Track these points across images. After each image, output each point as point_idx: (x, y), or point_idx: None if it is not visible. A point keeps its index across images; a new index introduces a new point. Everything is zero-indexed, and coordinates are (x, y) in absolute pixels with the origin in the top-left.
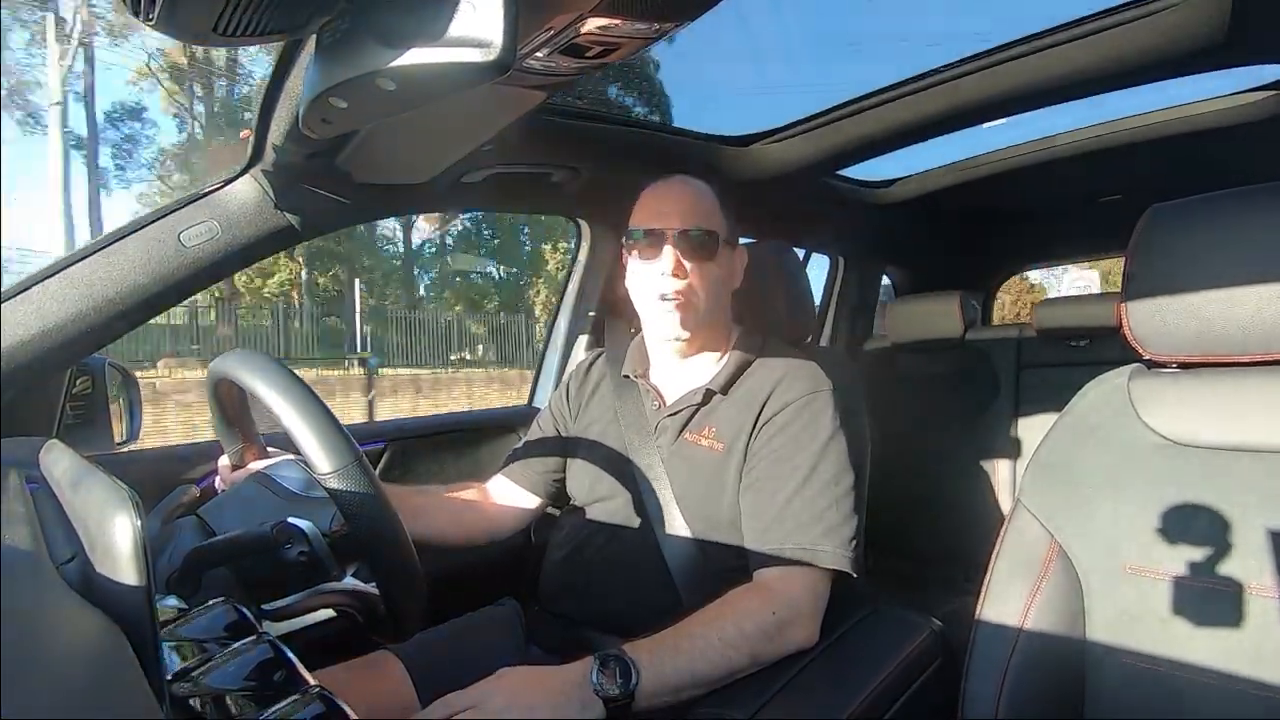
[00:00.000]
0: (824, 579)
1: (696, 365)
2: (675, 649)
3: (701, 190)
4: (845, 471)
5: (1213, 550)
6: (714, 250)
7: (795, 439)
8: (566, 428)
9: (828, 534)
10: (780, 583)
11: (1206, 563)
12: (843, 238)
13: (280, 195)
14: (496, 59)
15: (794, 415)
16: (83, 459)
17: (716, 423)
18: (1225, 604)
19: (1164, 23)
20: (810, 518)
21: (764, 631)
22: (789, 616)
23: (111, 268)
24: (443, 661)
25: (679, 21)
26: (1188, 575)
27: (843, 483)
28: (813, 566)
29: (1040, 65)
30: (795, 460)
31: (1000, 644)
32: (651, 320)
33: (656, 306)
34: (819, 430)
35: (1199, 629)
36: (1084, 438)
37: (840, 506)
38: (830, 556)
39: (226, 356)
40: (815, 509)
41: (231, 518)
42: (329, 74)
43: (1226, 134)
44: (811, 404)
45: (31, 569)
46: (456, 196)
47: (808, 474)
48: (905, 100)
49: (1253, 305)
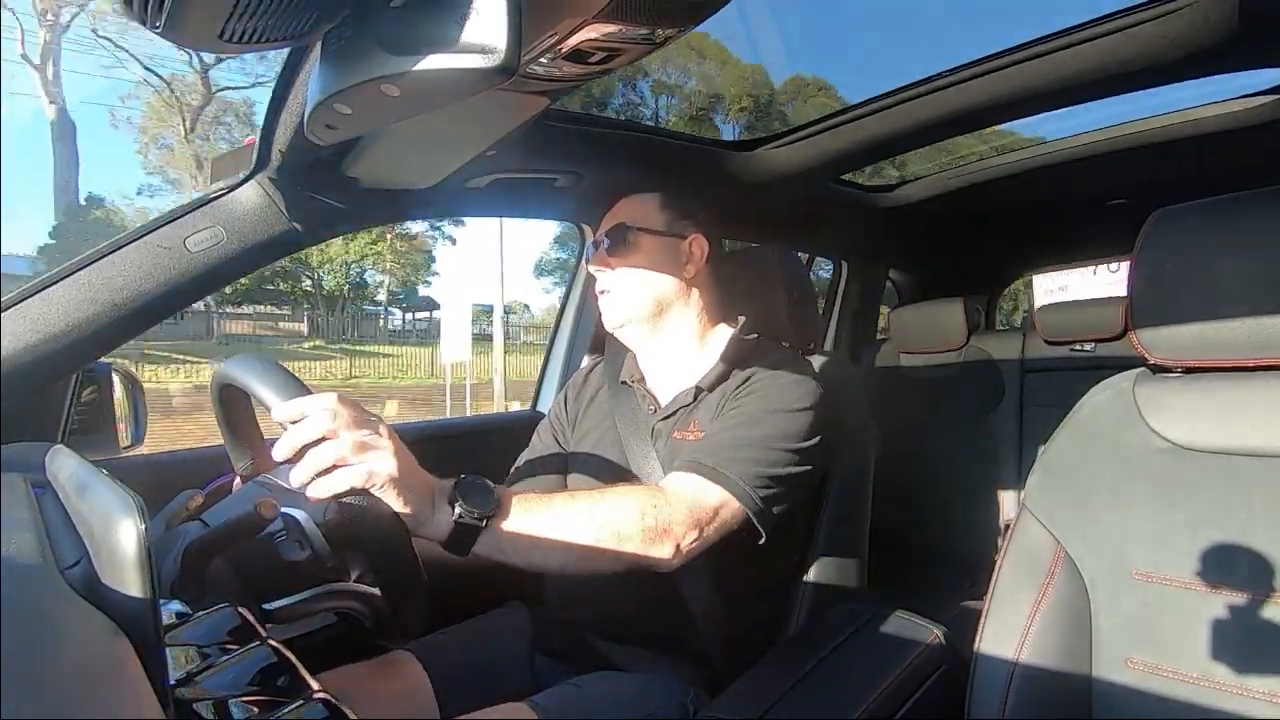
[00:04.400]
0: (720, 504)
1: (688, 365)
2: (547, 505)
3: (636, 197)
4: (791, 439)
5: (1219, 555)
6: (624, 240)
7: (756, 399)
8: (565, 436)
9: (734, 462)
10: (677, 490)
11: (1213, 568)
12: (846, 242)
13: (285, 201)
14: (500, 65)
15: (763, 385)
16: (88, 464)
17: (700, 415)
18: (1233, 609)
19: (1170, 27)
20: (724, 446)
21: (640, 528)
22: (665, 525)
23: (117, 273)
24: (455, 663)
25: (682, 27)
26: (1194, 581)
27: (782, 444)
28: (710, 484)
29: (1046, 69)
30: (742, 411)
31: (1006, 649)
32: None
33: (600, 303)
34: (782, 397)
35: (1206, 635)
36: (1089, 442)
37: (763, 452)
38: (724, 480)
39: (229, 362)
40: (734, 441)
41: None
42: (334, 80)
43: (1233, 138)
44: (782, 378)
45: (37, 573)
46: (460, 202)
47: (745, 422)
48: (910, 105)
49: (1259, 309)
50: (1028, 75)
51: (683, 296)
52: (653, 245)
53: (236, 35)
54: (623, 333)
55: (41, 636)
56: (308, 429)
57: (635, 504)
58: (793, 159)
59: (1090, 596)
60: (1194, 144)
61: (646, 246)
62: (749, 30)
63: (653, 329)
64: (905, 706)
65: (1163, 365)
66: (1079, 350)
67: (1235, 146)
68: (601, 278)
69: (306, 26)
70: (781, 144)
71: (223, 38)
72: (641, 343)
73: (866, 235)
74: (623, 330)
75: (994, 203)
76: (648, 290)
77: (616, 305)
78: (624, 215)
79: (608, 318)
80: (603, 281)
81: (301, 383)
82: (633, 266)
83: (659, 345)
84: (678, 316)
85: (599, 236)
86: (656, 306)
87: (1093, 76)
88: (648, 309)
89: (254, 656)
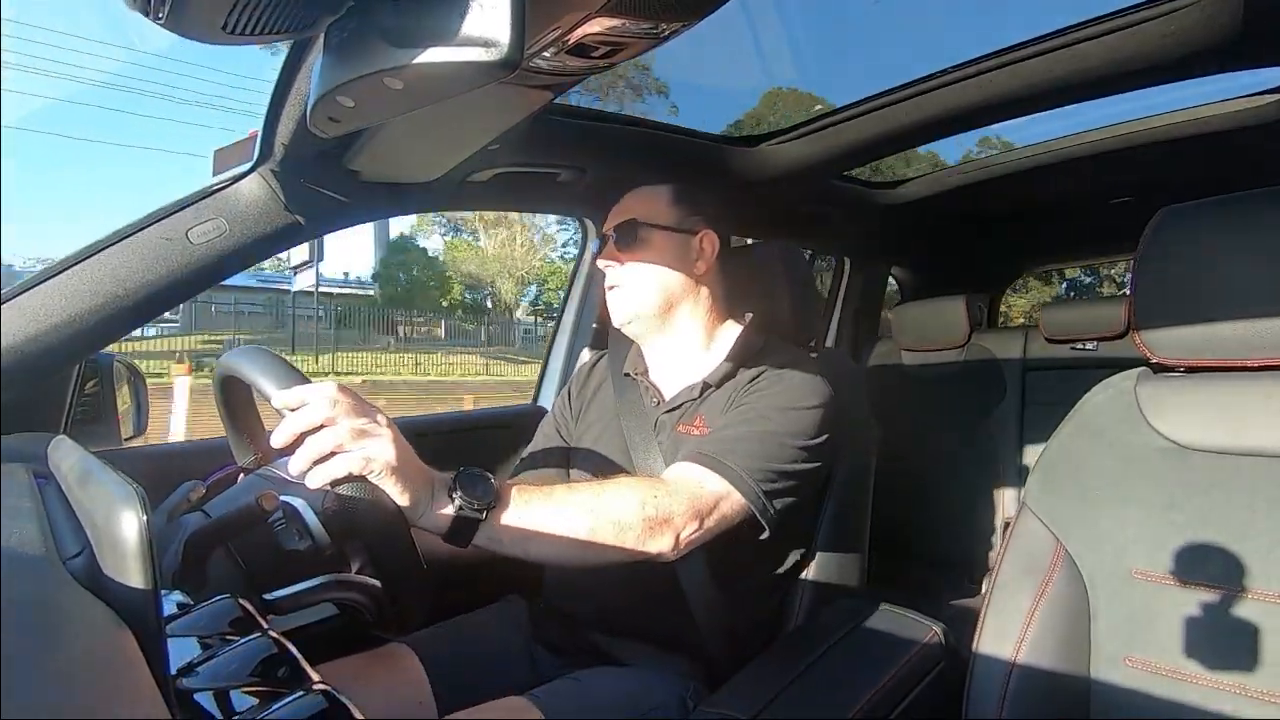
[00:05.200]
0: (721, 496)
1: (694, 361)
2: (547, 496)
3: (645, 190)
4: (798, 436)
5: (1219, 555)
6: (635, 236)
7: (764, 396)
8: (569, 430)
9: (738, 455)
10: (679, 482)
11: (1213, 568)
12: (849, 238)
13: (288, 193)
14: (504, 58)
15: (772, 382)
16: (90, 455)
17: (706, 411)
18: (1232, 609)
19: (1175, 24)
20: (730, 439)
21: (640, 520)
22: (665, 517)
23: (120, 264)
24: (455, 656)
25: (686, 21)
26: (1194, 580)
27: (789, 440)
28: (713, 475)
29: (1050, 66)
30: (751, 407)
31: (1005, 646)
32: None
33: (607, 298)
34: (790, 395)
35: (1205, 634)
36: (1090, 441)
37: (769, 447)
38: (728, 471)
39: (230, 355)
40: (740, 435)
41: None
42: (337, 73)
43: (1237, 136)
44: (792, 375)
45: (39, 564)
46: (463, 196)
47: (753, 417)
48: (913, 101)
49: (1262, 309)
50: (1031, 73)
51: (692, 293)
52: (664, 241)
53: (240, 27)
54: (631, 328)
55: (43, 627)
56: (306, 416)
57: (635, 494)
58: (795, 155)
59: (1090, 595)
60: (1198, 143)
61: (658, 242)
62: (750, 22)
63: (661, 325)
64: (903, 703)
65: (1165, 365)
66: (1081, 349)
67: (1240, 145)
68: (610, 273)
69: (310, 19)
70: (784, 140)
71: (226, 29)
72: (649, 338)
73: (869, 232)
74: (631, 326)
75: (997, 200)
76: (658, 286)
77: (626, 301)
78: (635, 210)
79: (616, 313)
80: (612, 277)
81: (300, 373)
82: (643, 262)
83: (667, 341)
84: (687, 313)
85: (608, 230)
86: (666, 303)
87: (1096, 75)
88: (657, 305)
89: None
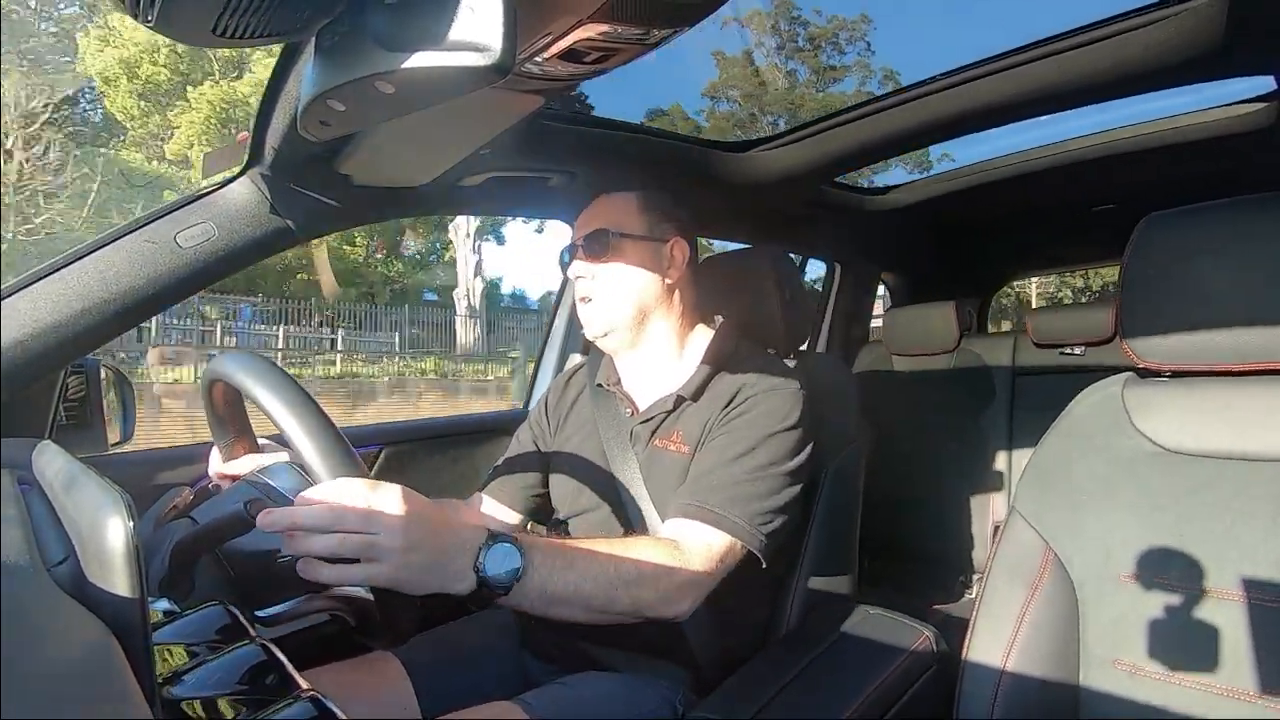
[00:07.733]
0: (727, 549)
1: (667, 371)
2: (570, 564)
3: (613, 197)
4: (784, 461)
5: (1207, 559)
6: (605, 245)
7: (748, 422)
8: (546, 442)
9: (735, 503)
10: (689, 546)
11: (1200, 571)
12: (839, 244)
13: (278, 197)
14: (495, 63)
15: (752, 405)
16: (76, 460)
17: (684, 426)
18: (1219, 612)
19: (1160, 33)
20: (725, 484)
21: (655, 590)
22: (680, 585)
23: (107, 269)
24: (441, 665)
25: (677, 28)
26: (1182, 583)
27: (775, 469)
28: (718, 532)
29: (1038, 73)
30: (735, 437)
31: (995, 650)
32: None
33: (580, 312)
34: (771, 420)
35: (1193, 637)
36: (1078, 445)
37: (760, 485)
38: (731, 525)
39: (222, 358)
40: (732, 478)
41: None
42: (328, 76)
43: (1221, 144)
44: (771, 397)
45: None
46: (454, 200)
47: (741, 452)
48: (903, 108)
49: (1247, 314)
50: (1018, 81)
51: (665, 302)
52: (635, 251)
53: (230, 30)
54: (606, 341)
55: (27, 635)
56: (308, 519)
57: (655, 568)
58: (787, 161)
59: (1079, 598)
60: (1182, 150)
61: (628, 252)
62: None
63: (635, 336)
64: (894, 707)
65: (1151, 369)
66: (1069, 354)
67: (1223, 153)
68: (581, 285)
69: (300, 22)
70: (775, 145)
71: (216, 32)
72: (623, 350)
73: (859, 237)
74: (607, 339)
75: (985, 207)
76: (630, 297)
77: (599, 314)
78: (604, 218)
79: (590, 327)
80: (583, 289)
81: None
82: (614, 273)
83: (640, 352)
84: (659, 322)
85: (577, 239)
86: (639, 314)
87: (1081, 83)
88: (631, 316)
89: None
